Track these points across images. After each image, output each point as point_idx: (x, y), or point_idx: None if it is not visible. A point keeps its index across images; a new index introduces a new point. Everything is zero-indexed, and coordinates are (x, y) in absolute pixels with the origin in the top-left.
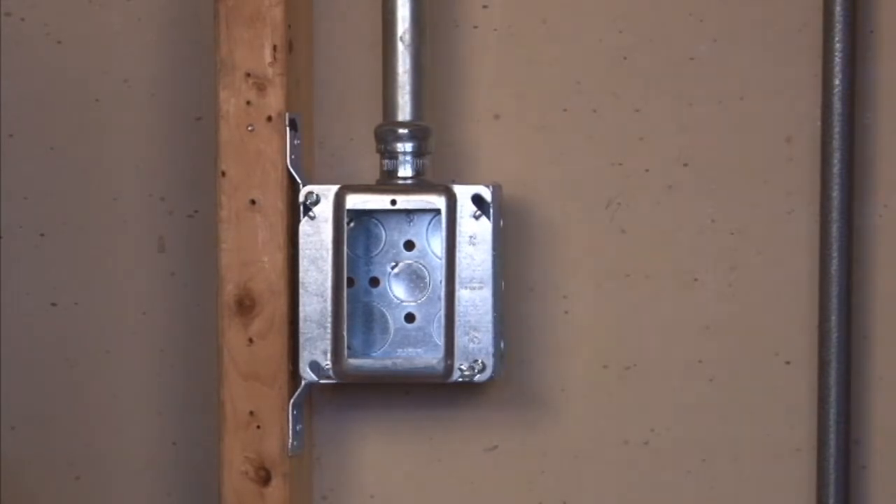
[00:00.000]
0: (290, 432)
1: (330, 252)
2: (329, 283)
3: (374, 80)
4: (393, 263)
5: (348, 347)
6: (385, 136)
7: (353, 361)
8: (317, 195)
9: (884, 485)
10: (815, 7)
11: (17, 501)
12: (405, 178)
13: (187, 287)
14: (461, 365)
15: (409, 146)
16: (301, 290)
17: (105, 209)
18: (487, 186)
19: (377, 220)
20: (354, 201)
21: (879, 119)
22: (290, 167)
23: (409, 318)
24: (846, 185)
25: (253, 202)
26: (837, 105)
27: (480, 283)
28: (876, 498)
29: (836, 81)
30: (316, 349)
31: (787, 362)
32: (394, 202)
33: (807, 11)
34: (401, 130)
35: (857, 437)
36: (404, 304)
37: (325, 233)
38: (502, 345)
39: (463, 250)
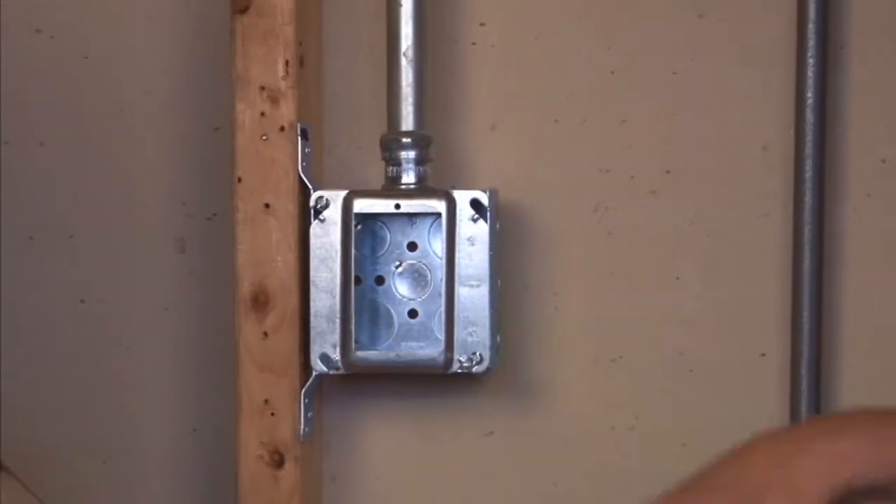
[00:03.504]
0: (302, 419)
1: (338, 252)
2: (338, 282)
3: (379, 93)
4: (397, 263)
5: (356, 341)
6: (389, 145)
7: (361, 354)
8: (326, 200)
9: None
10: (789, 25)
11: (51, 483)
12: (408, 184)
13: (206, 285)
14: (460, 357)
15: (411, 154)
16: (312, 288)
17: (129, 212)
18: (485, 191)
19: (382, 222)
20: (361, 205)
21: (849, 129)
22: (301, 174)
23: (412, 313)
24: (818, 190)
25: (267, 206)
26: (810, 116)
27: (478, 281)
28: None
29: (809, 94)
30: (326, 342)
31: (762, 354)
32: (398, 206)
33: (781, 29)
34: (404, 139)
35: None
36: (408, 300)
37: (334, 234)
38: (498, 338)
39: (462, 251)
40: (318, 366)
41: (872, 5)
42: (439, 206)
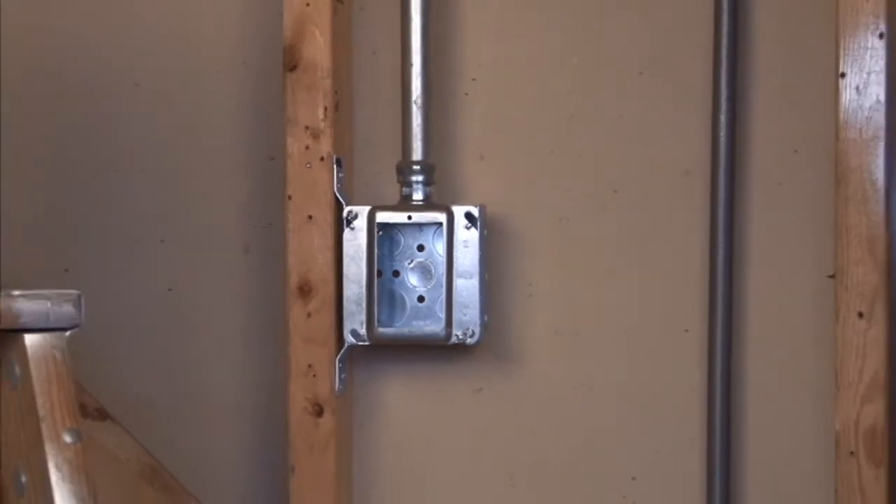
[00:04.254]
0: (337, 379)
1: (365, 253)
2: (364, 275)
3: (395, 131)
4: (409, 260)
5: (378, 320)
6: (403, 171)
7: (381, 329)
8: (355, 212)
9: (754, 412)
10: (707, 80)
11: (147, 427)
12: (417, 201)
13: (264, 277)
14: (457, 332)
15: (420, 178)
16: (344, 279)
17: (207, 222)
18: (476, 206)
19: (398, 229)
20: (382, 217)
21: (751, 160)
22: (336, 193)
23: (420, 299)
24: (728, 205)
25: (310, 217)
26: (723, 149)
27: (471, 274)
28: (748, 422)
29: (722, 133)
30: (355, 321)
31: (686, 330)
32: (410, 217)
33: (701, 83)
34: (414, 167)
35: (736, 382)
36: (417, 289)
37: (361, 239)
38: (486, 318)
39: (458, 251)
40: (349, 338)
41: (772, 64)
42: (441, 217)
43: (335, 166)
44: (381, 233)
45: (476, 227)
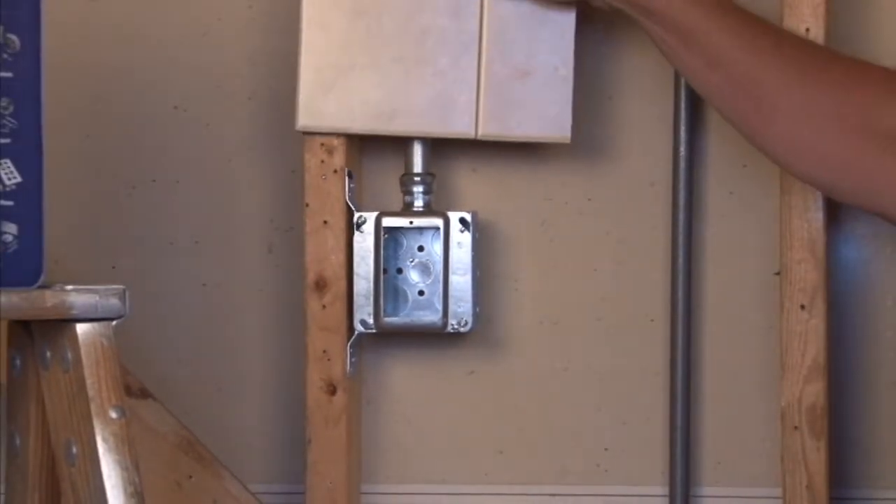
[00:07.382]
0: (348, 363)
1: (372, 253)
2: (372, 272)
3: (398, 147)
4: (411, 259)
5: (384, 311)
6: (406, 182)
7: (387, 319)
8: (364, 218)
9: (710, 391)
10: (668, 105)
11: (183, 405)
12: (418, 208)
13: (286, 274)
14: (453, 322)
15: (420, 188)
16: (355, 276)
17: (236, 225)
18: (469, 213)
19: (401, 233)
20: (388, 222)
21: (707, 173)
22: (348, 201)
23: (421, 293)
24: (688, 211)
25: (325, 222)
26: (682, 163)
27: (465, 272)
28: (705, 400)
29: (682, 149)
30: (364, 312)
31: (652, 320)
32: (411, 222)
33: (663, 108)
34: (415, 178)
35: (695, 365)
36: (418, 284)
37: (370, 241)
38: (478, 309)
39: (453, 252)
40: (359, 327)
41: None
42: (439, 222)
43: (347, 178)
44: (386, 235)
45: (469, 231)
